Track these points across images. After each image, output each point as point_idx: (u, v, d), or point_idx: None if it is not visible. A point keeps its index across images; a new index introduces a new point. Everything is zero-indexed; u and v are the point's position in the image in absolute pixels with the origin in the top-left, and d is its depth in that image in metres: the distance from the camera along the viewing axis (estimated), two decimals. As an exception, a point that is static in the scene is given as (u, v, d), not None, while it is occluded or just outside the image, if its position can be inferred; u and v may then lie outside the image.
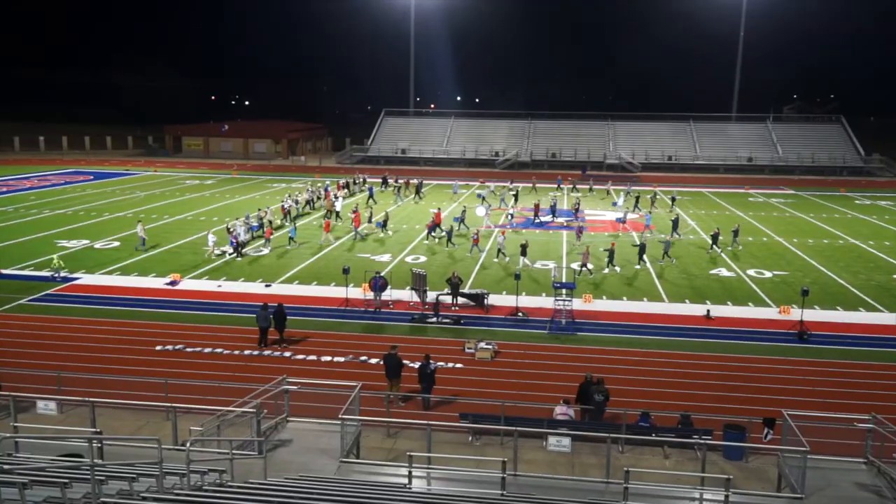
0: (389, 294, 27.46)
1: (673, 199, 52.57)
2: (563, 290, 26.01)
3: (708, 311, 26.56)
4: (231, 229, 35.08)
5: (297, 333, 23.82)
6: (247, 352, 22.31)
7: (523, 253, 33.62)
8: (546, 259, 34.67)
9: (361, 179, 59.03)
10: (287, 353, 22.26)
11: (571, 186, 61.75)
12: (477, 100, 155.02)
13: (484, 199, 51.60)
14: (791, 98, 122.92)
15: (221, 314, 26.03)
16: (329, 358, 21.79)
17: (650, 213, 45.01)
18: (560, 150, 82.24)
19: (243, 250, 34.62)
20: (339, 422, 14.10)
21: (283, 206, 43.77)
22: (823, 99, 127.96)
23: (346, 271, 27.32)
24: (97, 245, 37.17)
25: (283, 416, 15.75)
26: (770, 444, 15.80)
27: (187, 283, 30.01)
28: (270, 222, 38.74)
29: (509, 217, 43.95)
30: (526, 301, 27.52)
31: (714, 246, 36.86)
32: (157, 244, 37.27)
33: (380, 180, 60.59)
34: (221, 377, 19.82)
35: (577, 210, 46.63)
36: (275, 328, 22.81)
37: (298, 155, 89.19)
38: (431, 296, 26.80)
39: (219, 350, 22.36)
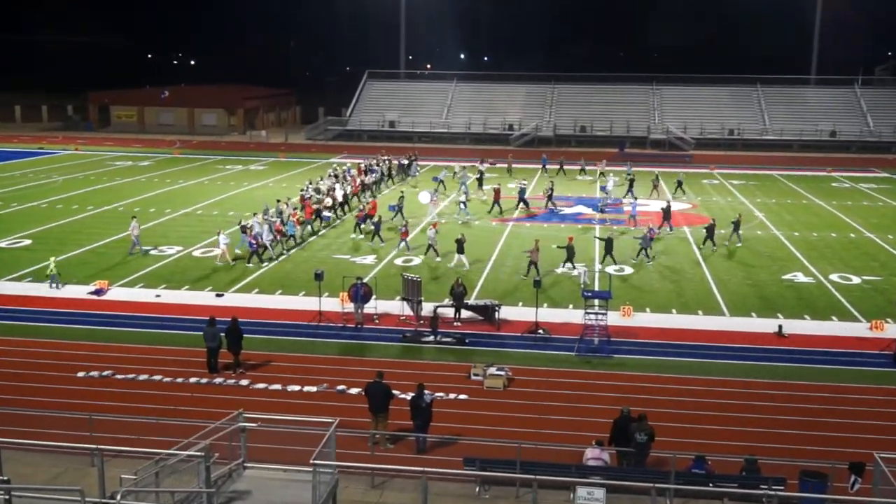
0: (374, 306, 27.45)
1: (679, 184, 52.00)
2: (596, 301, 25.82)
3: (780, 326, 26.69)
4: (248, 228, 35.03)
5: (256, 356, 23.87)
6: (192, 379, 22.42)
7: (460, 250, 33.92)
8: (573, 261, 34.28)
9: (386, 161, 58.36)
10: (244, 381, 22.33)
11: (627, 171, 58.20)
12: (485, 58, 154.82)
13: (441, 182, 51.70)
14: (884, 55, 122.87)
15: (160, 331, 26.13)
16: (297, 387, 21.90)
17: (636, 200, 44.98)
18: (591, 123, 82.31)
19: (267, 254, 34.76)
20: (310, 468, 14.17)
21: (302, 195, 44.13)
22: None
23: (318, 277, 27.26)
24: (3, 244, 37.50)
25: (240, 461, 15.84)
26: (858, 494, 15.75)
27: (117, 292, 30.12)
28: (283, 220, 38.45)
29: (461, 206, 44.51)
30: (548, 314, 27.65)
31: (709, 240, 37.33)
32: (79, 242, 37.51)
33: (405, 162, 59.26)
34: (160, 412, 19.86)
35: (549, 197, 46.87)
36: (228, 349, 22.82)
37: (258, 129, 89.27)
38: (428, 308, 26.84)
39: (157, 377, 22.47)
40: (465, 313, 27.26)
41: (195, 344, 24.04)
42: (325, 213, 41.27)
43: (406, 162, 59.01)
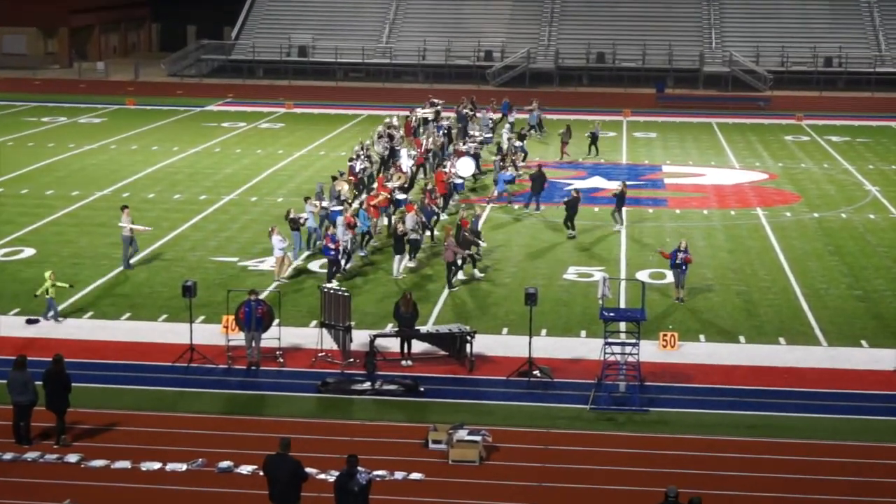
0: (277, 336, 25.82)
1: (593, 139, 49.75)
2: (622, 325, 25.65)
3: (903, 360, 25.24)
4: (302, 221, 34.43)
5: (92, 417, 22.55)
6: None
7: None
8: (587, 264, 33.73)
9: (432, 107, 56.72)
10: (72, 457, 20.80)
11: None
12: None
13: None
14: None
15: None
16: (156, 465, 20.62)
17: (508, 166, 43.87)
18: (613, 50, 79.82)
19: (347, 263, 33.96)
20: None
21: (351, 167, 42.85)
22: None
23: (188, 291, 25.62)
24: None
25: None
26: None
27: None
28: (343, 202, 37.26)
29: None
30: (548, 346, 26.23)
31: (568, 222, 36.39)
32: None
33: (467, 112, 55.21)
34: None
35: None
36: (47, 406, 21.58)
37: (92, 60, 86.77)
38: (360, 338, 25.56)
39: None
40: (418, 345, 25.98)
41: (-4, 399, 22.90)
42: (399, 196, 39.94)
43: (469, 112, 57.04)
